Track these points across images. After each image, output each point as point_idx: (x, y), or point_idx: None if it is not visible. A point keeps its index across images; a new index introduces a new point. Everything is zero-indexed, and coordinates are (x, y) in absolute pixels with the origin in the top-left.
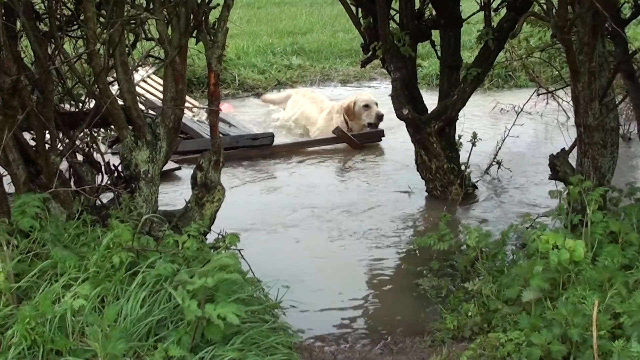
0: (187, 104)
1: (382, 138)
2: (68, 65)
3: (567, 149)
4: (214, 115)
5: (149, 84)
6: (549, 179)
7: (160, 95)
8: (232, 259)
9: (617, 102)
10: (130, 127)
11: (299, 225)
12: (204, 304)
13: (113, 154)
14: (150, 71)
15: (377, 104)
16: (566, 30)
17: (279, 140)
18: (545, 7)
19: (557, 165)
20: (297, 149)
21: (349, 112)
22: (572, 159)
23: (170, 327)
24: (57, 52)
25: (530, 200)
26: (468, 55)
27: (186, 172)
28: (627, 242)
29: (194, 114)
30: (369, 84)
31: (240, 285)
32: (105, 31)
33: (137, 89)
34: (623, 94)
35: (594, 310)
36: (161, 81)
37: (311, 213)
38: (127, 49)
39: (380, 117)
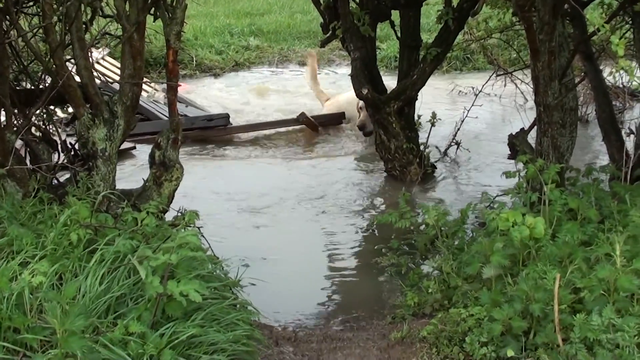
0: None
1: (343, 121)
2: (24, 41)
3: (526, 129)
4: (172, 92)
5: (103, 66)
6: (508, 158)
7: (115, 77)
8: (194, 236)
9: (576, 83)
10: (87, 104)
11: (258, 205)
12: (166, 280)
13: (69, 135)
14: (104, 52)
15: None
16: (527, 8)
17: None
18: None
19: (516, 145)
20: (254, 131)
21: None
22: (531, 140)
23: (129, 303)
24: (12, 27)
25: (489, 180)
26: (427, 38)
27: (142, 152)
28: (586, 219)
29: (149, 94)
30: (328, 66)
31: (200, 262)
32: (61, 7)
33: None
34: (581, 76)
35: (556, 284)
36: (115, 62)
37: (270, 193)
38: (83, 25)
39: (359, 126)
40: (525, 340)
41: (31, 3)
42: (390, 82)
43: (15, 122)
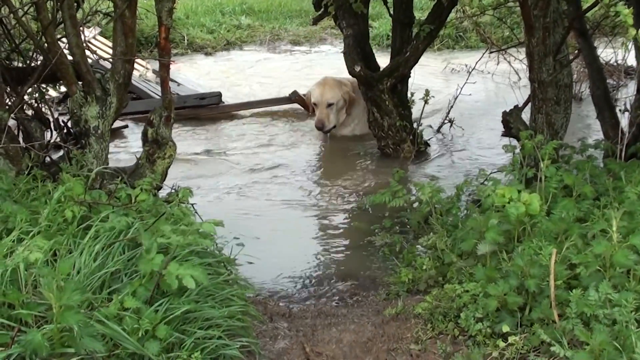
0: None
1: None
2: (15, 19)
3: (519, 106)
4: (164, 69)
5: (95, 45)
6: (502, 135)
7: (107, 56)
8: (210, 226)
9: (570, 59)
10: (79, 82)
11: (252, 183)
12: (169, 261)
13: (61, 113)
14: (96, 32)
15: (331, 104)
16: None
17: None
18: None
19: (510, 122)
20: (247, 109)
21: (307, 105)
22: (525, 117)
23: (124, 279)
24: (3, 4)
25: (482, 158)
26: (419, 16)
27: (133, 131)
28: (582, 196)
29: (141, 73)
30: (320, 45)
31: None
32: None
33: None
34: (575, 53)
35: (552, 259)
36: (107, 42)
37: (263, 172)
38: (75, 3)
39: (319, 126)
40: (520, 315)
41: None
42: (382, 60)
43: (7, 100)
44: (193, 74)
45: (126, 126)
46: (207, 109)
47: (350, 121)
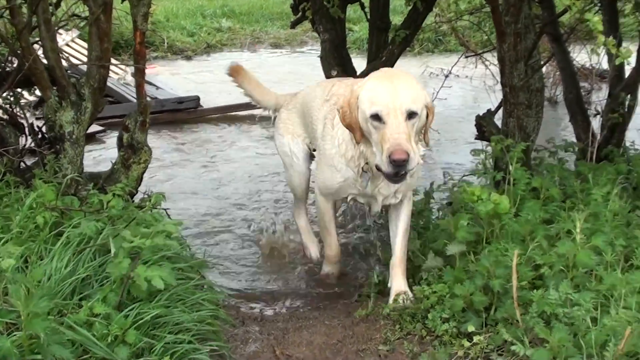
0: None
1: None
2: None
3: (493, 109)
4: (140, 74)
5: (73, 48)
6: (475, 139)
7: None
8: (174, 226)
9: (541, 64)
10: (54, 87)
11: (228, 187)
12: (136, 263)
13: (37, 118)
14: (74, 35)
15: (414, 114)
16: None
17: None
18: None
19: (483, 126)
20: (226, 113)
21: (347, 119)
22: (498, 120)
23: (95, 285)
24: None
25: (457, 160)
26: (399, 20)
27: (111, 136)
28: (549, 198)
29: (120, 76)
30: (301, 48)
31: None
32: None
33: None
34: (547, 57)
35: (514, 260)
36: (85, 44)
37: (237, 176)
38: (50, 7)
39: (402, 159)
40: (486, 315)
41: None
42: (363, 63)
43: None
44: (172, 78)
45: (104, 131)
46: (185, 113)
47: None
